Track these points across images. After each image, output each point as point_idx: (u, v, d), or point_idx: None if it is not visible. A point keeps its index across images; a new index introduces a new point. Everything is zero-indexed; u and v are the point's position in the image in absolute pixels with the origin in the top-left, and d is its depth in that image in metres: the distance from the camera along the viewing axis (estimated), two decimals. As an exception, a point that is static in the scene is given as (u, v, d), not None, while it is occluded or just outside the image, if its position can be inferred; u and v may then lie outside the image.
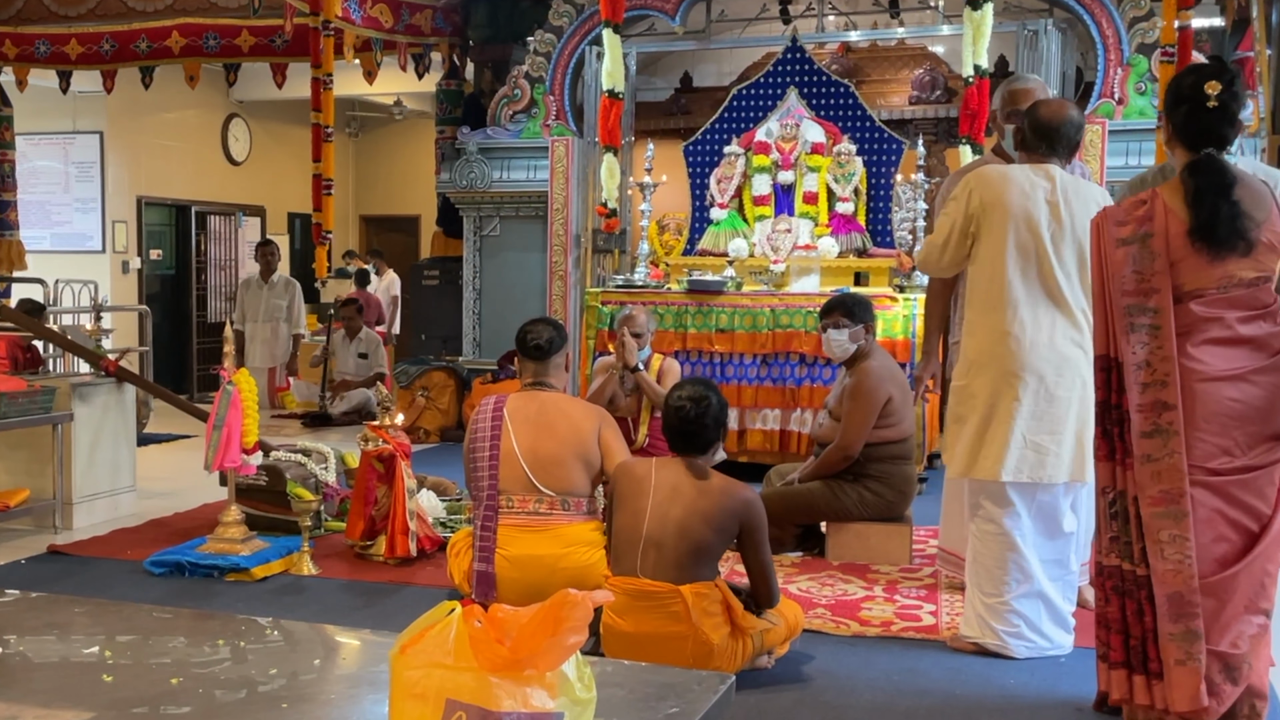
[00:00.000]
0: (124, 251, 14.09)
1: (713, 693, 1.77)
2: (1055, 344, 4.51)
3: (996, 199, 4.54)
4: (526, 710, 1.42)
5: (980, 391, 4.59)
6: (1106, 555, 3.83)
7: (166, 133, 14.68)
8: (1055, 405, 4.53)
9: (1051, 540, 4.64)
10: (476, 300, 10.79)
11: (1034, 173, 4.58)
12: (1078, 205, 4.53)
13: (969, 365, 4.65)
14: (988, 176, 4.61)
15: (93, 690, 1.83)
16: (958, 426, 4.69)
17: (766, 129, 9.16)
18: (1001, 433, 4.54)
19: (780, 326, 8.08)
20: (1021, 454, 4.52)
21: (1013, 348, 4.51)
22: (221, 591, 5.53)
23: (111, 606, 2.33)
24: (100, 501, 7.02)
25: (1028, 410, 4.52)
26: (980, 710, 4.12)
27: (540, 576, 4.71)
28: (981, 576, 4.67)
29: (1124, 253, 3.72)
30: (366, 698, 1.82)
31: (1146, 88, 8.87)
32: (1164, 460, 3.62)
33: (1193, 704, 3.57)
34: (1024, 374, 4.51)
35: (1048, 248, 4.49)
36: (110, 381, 7.13)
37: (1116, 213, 3.79)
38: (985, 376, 4.58)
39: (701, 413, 4.31)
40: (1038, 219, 4.50)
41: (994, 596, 4.63)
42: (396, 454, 5.96)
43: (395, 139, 17.97)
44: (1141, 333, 3.68)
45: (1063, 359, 4.52)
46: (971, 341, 4.66)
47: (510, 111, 10.59)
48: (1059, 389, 4.52)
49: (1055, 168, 4.61)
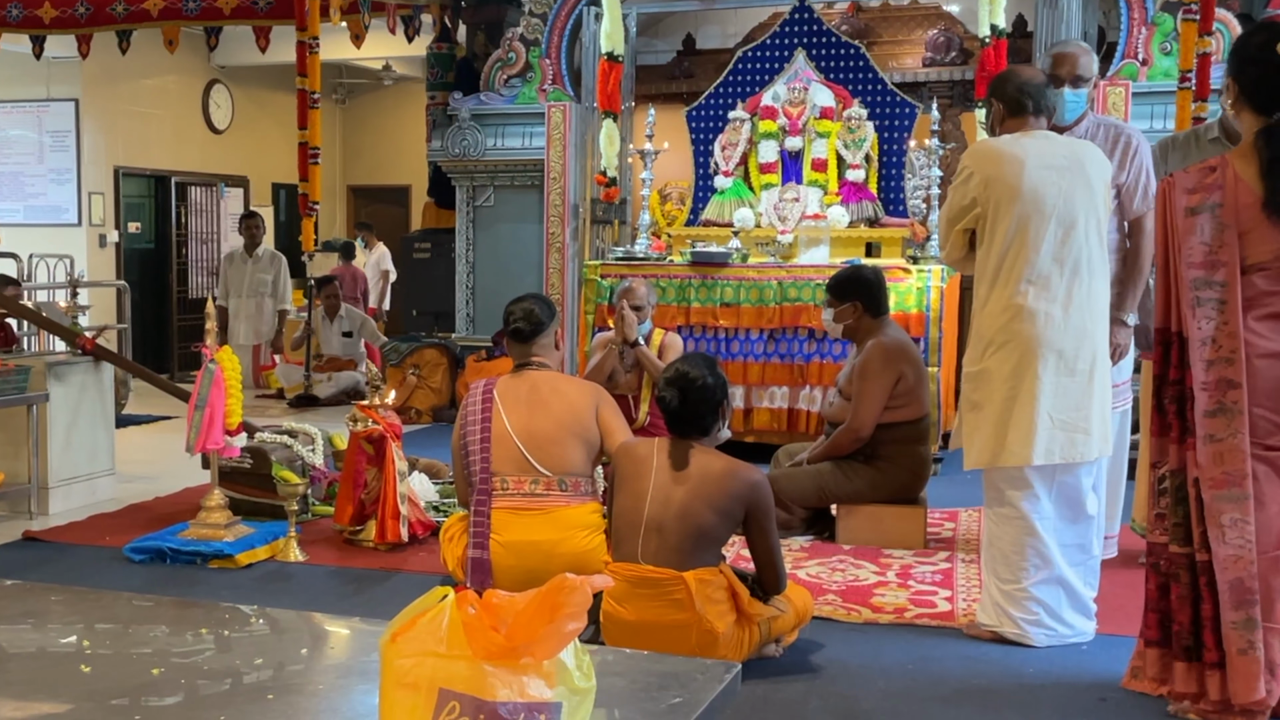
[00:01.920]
0: (101, 224, 14.05)
1: (718, 682, 1.77)
2: (1070, 316, 4.49)
3: (999, 173, 4.49)
4: (523, 700, 1.42)
5: (998, 373, 4.55)
6: (1153, 531, 3.83)
7: (145, 100, 14.62)
8: (1076, 379, 4.51)
9: (1074, 524, 4.63)
10: (470, 274, 10.78)
11: (1024, 139, 4.57)
12: (1090, 167, 4.53)
13: (984, 346, 4.60)
14: (987, 151, 4.58)
15: (70, 681, 1.83)
16: (974, 414, 4.63)
17: (773, 93, 9.12)
18: (1026, 415, 4.49)
19: (788, 300, 8.06)
20: (1051, 435, 4.49)
21: (1029, 323, 4.48)
22: (204, 579, 5.54)
23: (90, 595, 2.33)
24: (77, 485, 7.02)
25: (1050, 388, 4.49)
26: (998, 700, 4.12)
27: (537, 563, 4.71)
28: (998, 563, 4.66)
29: (1191, 223, 3.68)
30: (356, 688, 1.82)
31: (1172, 48, 8.81)
32: (1227, 440, 3.61)
33: (1251, 695, 3.57)
34: (1043, 350, 4.48)
35: (1055, 215, 4.46)
36: (87, 360, 7.12)
37: (1185, 180, 3.74)
38: (1002, 357, 4.54)
39: (693, 398, 4.26)
40: (1043, 186, 4.46)
41: (1011, 583, 4.62)
42: (387, 435, 5.96)
43: (384, 106, 17.91)
44: (1208, 307, 3.64)
45: (1080, 331, 4.51)
46: (984, 320, 4.61)
47: (505, 76, 10.55)
48: (1078, 362, 4.51)
49: (1050, 132, 4.61)
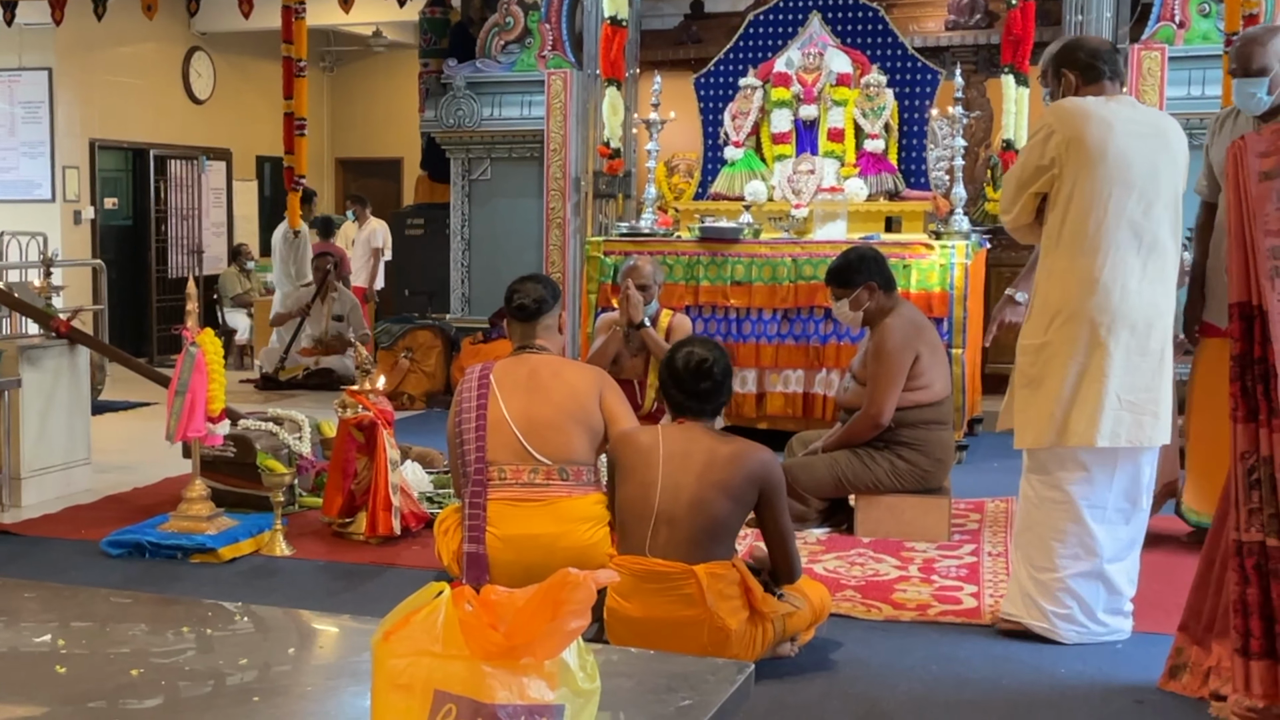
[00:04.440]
0: (76, 200, 14.05)
1: (729, 683, 1.77)
2: (1144, 291, 4.46)
3: (1084, 134, 4.45)
4: (523, 702, 1.42)
5: (1064, 348, 4.50)
6: (1245, 530, 3.75)
7: (122, 69, 14.60)
8: (1148, 359, 4.49)
9: (1127, 515, 4.58)
10: (465, 251, 10.78)
11: (1111, 103, 4.54)
12: (1174, 139, 4.54)
13: (1050, 318, 4.55)
14: (1073, 110, 4.53)
15: (45, 683, 1.83)
16: (1031, 390, 4.58)
17: (787, 59, 9.10)
18: (1094, 393, 4.45)
19: (803, 278, 8.04)
20: (1117, 416, 4.45)
21: (1105, 296, 4.44)
22: (185, 574, 5.55)
23: (65, 591, 2.33)
24: (52, 476, 7.03)
25: (1120, 366, 4.46)
26: (1028, 702, 4.12)
27: (538, 558, 4.69)
28: (1033, 548, 4.61)
29: (1266, 188, 3.64)
30: (346, 689, 1.82)
31: (1211, 9, 8.77)
32: None
33: None
34: (1116, 325, 4.45)
35: (1140, 185, 4.44)
36: (62, 343, 7.13)
37: (1258, 142, 3.71)
38: (1070, 330, 4.49)
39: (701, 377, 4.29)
40: (1130, 154, 4.44)
41: (1048, 572, 4.57)
42: (378, 422, 5.96)
43: (374, 73, 17.89)
44: None
45: (1154, 307, 4.49)
46: (1054, 290, 4.55)
47: (502, 42, 10.53)
48: (1151, 340, 4.49)
49: (1133, 98, 4.58)
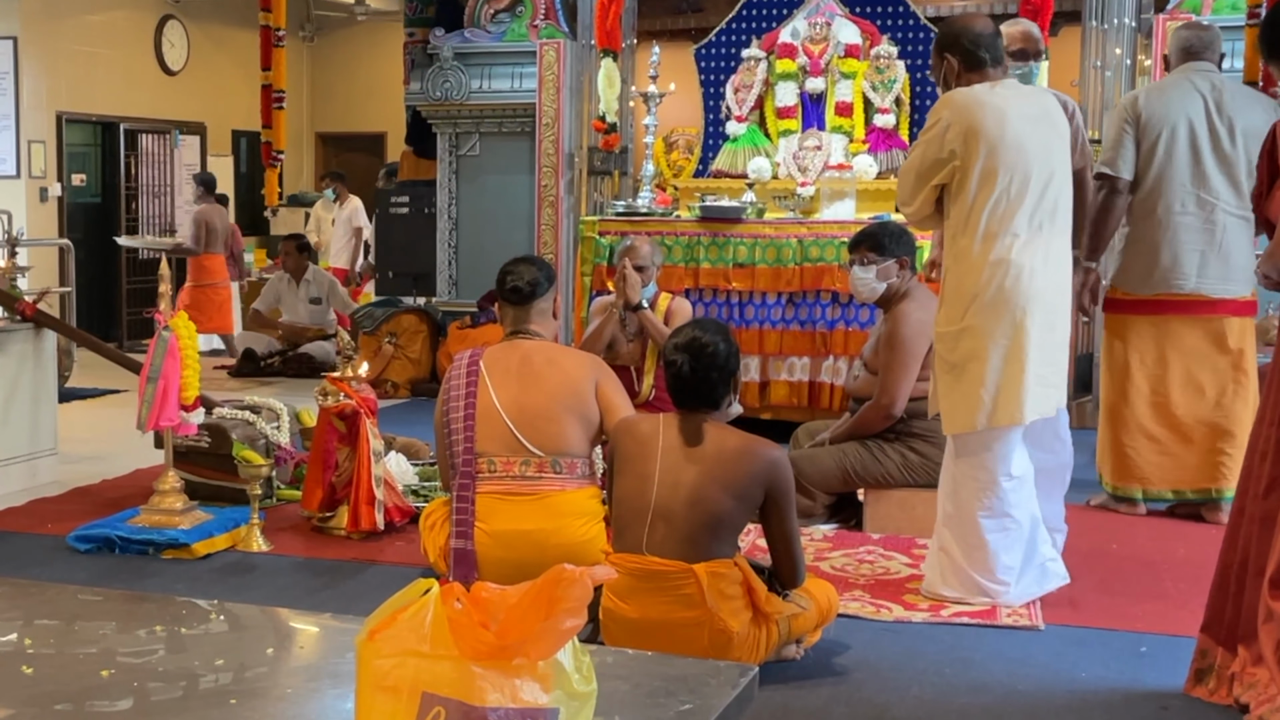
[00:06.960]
0: (42, 176, 14.04)
1: (732, 687, 1.77)
2: (1049, 270, 4.85)
3: (981, 124, 4.77)
4: (515, 705, 1.42)
5: (985, 331, 4.84)
6: None
7: (90, 38, 14.59)
8: (1055, 334, 4.96)
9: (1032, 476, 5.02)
10: (453, 231, 10.76)
11: (999, 89, 4.87)
12: (1057, 118, 4.95)
13: (967, 303, 4.87)
14: (966, 102, 4.85)
15: (10, 683, 1.83)
16: (954, 377, 4.94)
17: (792, 29, 9.09)
18: (1016, 373, 4.87)
19: (809, 260, 8.05)
20: (1036, 393, 4.88)
21: (1018, 278, 4.79)
22: (158, 570, 5.55)
23: (31, 588, 2.33)
24: (16, 467, 7.03)
25: (1037, 344, 4.84)
26: (1047, 708, 4.13)
27: (529, 555, 4.68)
28: (964, 526, 4.98)
29: None
30: (328, 692, 1.82)
31: (1241, -22, 8.79)
32: None
33: None
34: (1031, 306, 4.81)
35: (1036, 167, 4.80)
36: (27, 327, 7.12)
37: None
38: (990, 314, 4.83)
39: (705, 365, 4.22)
40: (1024, 138, 4.79)
41: (978, 550, 4.97)
42: (360, 410, 5.96)
43: (357, 43, 17.88)
44: None
45: (1058, 287, 4.94)
46: (967, 276, 4.87)
47: (491, 10, 10.51)
48: (1057, 317, 4.92)
49: (1016, 81, 5.06)
